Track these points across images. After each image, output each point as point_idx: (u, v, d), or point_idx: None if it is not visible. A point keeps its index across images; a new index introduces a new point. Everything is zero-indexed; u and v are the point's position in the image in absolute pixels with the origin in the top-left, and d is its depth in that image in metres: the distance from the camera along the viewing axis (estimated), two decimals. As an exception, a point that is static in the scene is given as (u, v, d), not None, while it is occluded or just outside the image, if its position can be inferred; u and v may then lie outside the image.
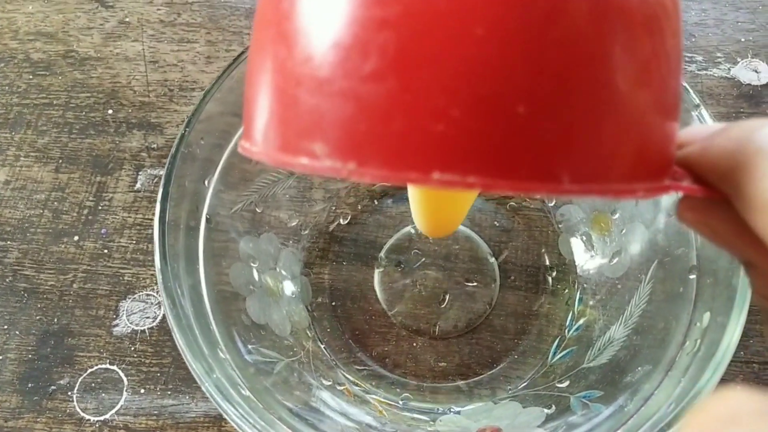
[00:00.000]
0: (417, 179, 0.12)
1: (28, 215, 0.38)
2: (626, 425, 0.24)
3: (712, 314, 0.25)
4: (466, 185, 0.12)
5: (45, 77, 0.43)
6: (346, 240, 0.36)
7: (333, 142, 0.13)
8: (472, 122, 0.12)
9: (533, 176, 0.12)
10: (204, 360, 0.24)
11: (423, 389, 0.32)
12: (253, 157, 0.15)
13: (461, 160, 0.12)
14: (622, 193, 0.13)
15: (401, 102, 0.12)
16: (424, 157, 0.12)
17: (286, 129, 0.14)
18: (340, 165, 0.13)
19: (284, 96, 0.14)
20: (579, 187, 0.13)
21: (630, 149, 0.13)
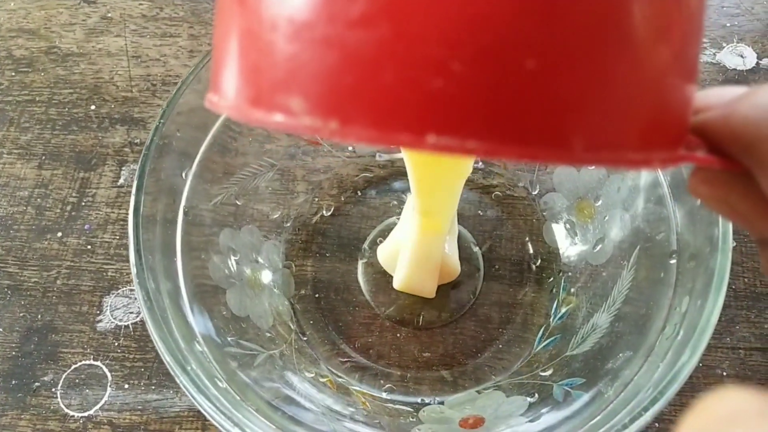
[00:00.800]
0: (409, 142, 0.11)
1: (11, 212, 0.38)
2: (605, 411, 0.24)
3: (691, 298, 0.24)
4: (465, 150, 0.11)
5: (27, 74, 0.43)
6: (329, 232, 0.36)
7: (313, 96, 0.11)
8: (474, 77, 0.11)
9: (542, 141, 0.11)
10: (179, 352, 0.24)
11: (407, 380, 0.32)
12: (220, 111, 0.13)
13: (461, 122, 0.11)
14: (637, 163, 0.12)
15: (394, 52, 0.11)
16: (418, 117, 0.11)
17: (259, 80, 0.12)
18: (320, 123, 0.11)
19: (257, 41, 0.12)
20: (592, 155, 0.12)
21: (646, 113, 0.12)
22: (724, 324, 0.34)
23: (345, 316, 0.33)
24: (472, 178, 0.37)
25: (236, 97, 0.13)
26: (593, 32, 0.11)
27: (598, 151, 0.12)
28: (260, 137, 0.34)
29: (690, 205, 0.26)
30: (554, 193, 0.35)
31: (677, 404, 0.32)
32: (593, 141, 0.11)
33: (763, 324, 0.33)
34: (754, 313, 0.34)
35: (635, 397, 0.23)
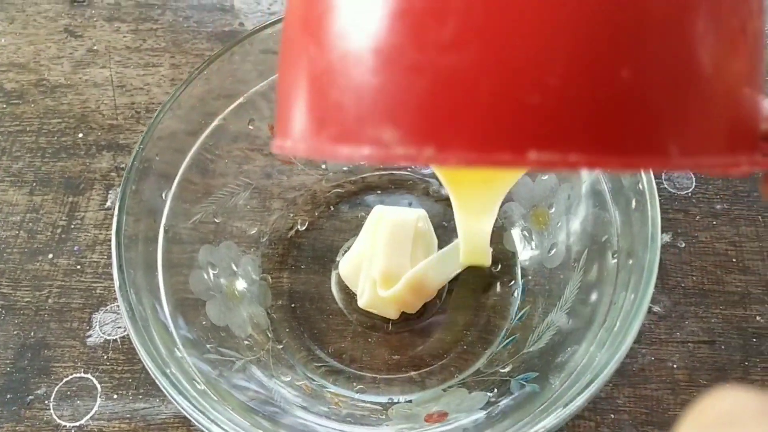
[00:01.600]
0: (511, 161, 0.11)
1: (4, 236, 0.40)
2: (551, 399, 0.26)
3: (627, 293, 0.27)
4: (568, 165, 0.11)
5: (18, 105, 0.45)
6: (304, 245, 0.38)
7: (405, 125, 0.11)
8: (571, 90, 0.10)
9: (641, 150, 0.11)
10: (159, 358, 0.26)
11: (377, 381, 0.34)
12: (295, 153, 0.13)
13: (561, 136, 0.11)
14: (727, 166, 0.12)
15: (487, 73, 0.10)
16: (517, 135, 0.11)
17: (343, 116, 0.12)
18: (415, 151, 0.11)
19: (338, 78, 0.12)
20: (689, 160, 0.12)
21: (729, 120, 0.12)
22: (674, 320, 0.36)
23: (320, 324, 0.36)
24: (436, 189, 0.39)
25: (314, 136, 0.12)
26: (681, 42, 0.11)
27: (693, 156, 0.12)
28: (237, 159, 0.37)
29: (626, 209, 0.29)
30: (512, 203, 0.37)
31: (632, 396, 0.34)
32: (688, 146, 0.12)
33: (710, 319, 0.36)
34: (702, 309, 0.36)
35: (576, 384, 0.25)
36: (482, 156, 0.11)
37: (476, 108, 0.11)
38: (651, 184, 0.27)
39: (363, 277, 0.35)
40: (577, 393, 0.24)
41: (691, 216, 0.39)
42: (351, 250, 0.37)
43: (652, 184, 0.28)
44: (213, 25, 0.48)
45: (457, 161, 0.11)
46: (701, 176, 0.40)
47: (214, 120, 0.34)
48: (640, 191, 0.28)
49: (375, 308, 0.35)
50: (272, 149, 0.14)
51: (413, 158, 0.11)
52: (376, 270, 0.34)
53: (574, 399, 0.23)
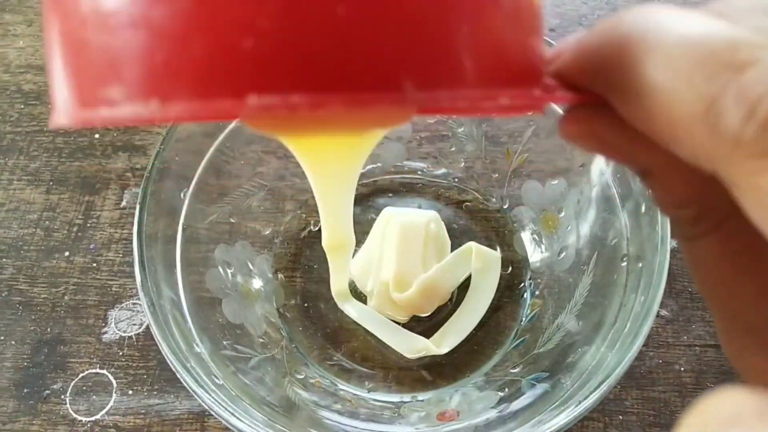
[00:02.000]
0: (231, 107, 0.11)
1: (21, 234, 0.41)
2: (563, 398, 0.26)
3: (636, 295, 0.27)
4: (289, 107, 0.10)
5: (36, 106, 0.46)
6: (316, 245, 0.39)
7: (130, 82, 0.11)
8: (285, 31, 0.10)
9: (370, 86, 0.11)
10: (180, 352, 0.26)
11: (389, 380, 0.34)
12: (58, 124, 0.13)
13: (280, 77, 0.10)
14: (481, 100, 0.12)
15: (199, 20, 0.11)
16: (235, 80, 0.11)
17: (81, 80, 0.12)
18: (141, 108, 0.11)
19: (73, 42, 0.12)
20: (426, 95, 0.11)
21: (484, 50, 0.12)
22: (681, 324, 0.36)
23: (332, 323, 0.36)
24: (447, 194, 0.40)
25: (67, 104, 0.13)
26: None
27: (432, 90, 0.11)
28: (252, 161, 0.37)
29: (635, 212, 0.30)
30: (522, 207, 0.38)
31: (639, 398, 0.34)
32: (426, 80, 0.11)
33: (716, 322, 0.36)
34: (708, 313, 0.37)
35: (587, 383, 0.26)
36: (204, 105, 0.11)
37: (193, 58, 0.11)
38: (661, 189, 0.28)
39: (372, 280, 0.36)
40: (588, 393, 0.24)
41: (697, 222, 0.39)
42: (360, 252, 0.37)
43: (662, 188, 0.28)
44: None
45: (180, 113, 0.11)
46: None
47: (231, 122, 0.35)
48: (649, 195, 0.29)
49: (385, 310, 0.35)
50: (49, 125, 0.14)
51: (140, 114, 0.11)
52: (388, 274, 0.34)
53: (587, 397, 0.24)
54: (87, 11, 0.11)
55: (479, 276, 0.36)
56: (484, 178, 0.39)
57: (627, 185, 0.30)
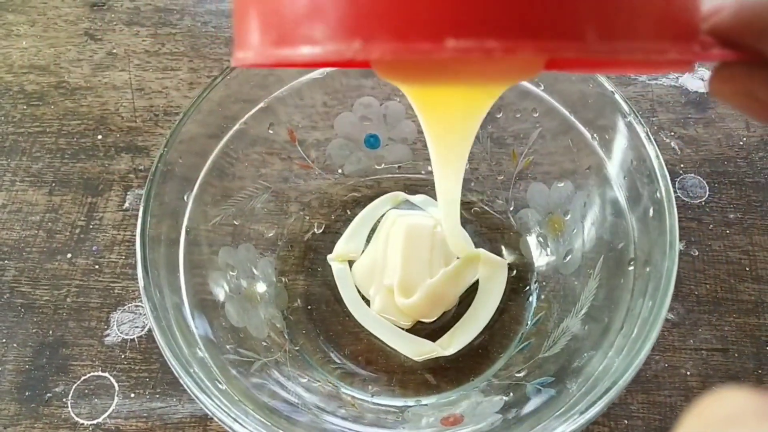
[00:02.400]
0: (430, 49, 0.11)
1: (24, 236, 0.41)
2: (569, 403, 0.26)
3: (644, 300, 0.27)
4: (484, 51, 0.11)
5: (38, 107, 0.46)
6: (320, 248, 0.38)
7: (333, 22, 0.12)
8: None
9: (557, 35, 0.11)
10: (183, 357, 0.26)
11: (393, 384, 0.34)
12: (248, 62, 0.14)
13: (477, 22, 0.11)
14: (653, 53, 0.12)
15: None
16: (435, 23, 0.11)
17: (281, 19, 0.13)
18: (344, 47, 0.12)
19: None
20: (607, 45, 0.12)
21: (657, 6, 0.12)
22: (688, 328, 0.36)
23: (335, 326, 0.36)
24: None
25: (260, 44, 0.13)
26: None
27: (612, 41, 0.12)
28: (256, 162, 0.37)
29: (644, 217, 0.29)
30: (528, 209, 0.37)
31: (645, 402, 0.34)
32: (607, 31, 0.12)
33: (723, 327, 0.36)
34: (715, 317, 0.36)
35: (593, 389, 0.25)
36: (404, 45, 0.11)
37: (396, 1, 0.11)
38: (669, 193, 0.28)
39: (376, 283, 0.36)
40: (595, 399, 0.24)
41: (704, 225, 0.39)
42: (364, 256, 0.37)
43: (670, 192, 0.28)
44: (231, 30, 0.49)
45: (382, 52, 0.12)
46: (714, 186, 0.40)
47: (235, 124, 0.35)
48: (658, 199, 0.28)
49: (389, 315, 0.35)
50: (232, 63, 0.15)
51: (343, 53, 0.12)
52: (392, 279, 0.34)
53: (593, 405, 0.24)
54: None
55: (486, 283, 0.36)
56: (489, 180, 0.39)
57: (635, 189, 0.30)
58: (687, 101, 0.44)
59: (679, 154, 0.42)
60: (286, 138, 0.37)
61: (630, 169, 0.30)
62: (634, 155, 0.30)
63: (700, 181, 0.40)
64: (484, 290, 0.35)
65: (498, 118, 0.37)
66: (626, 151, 0.30)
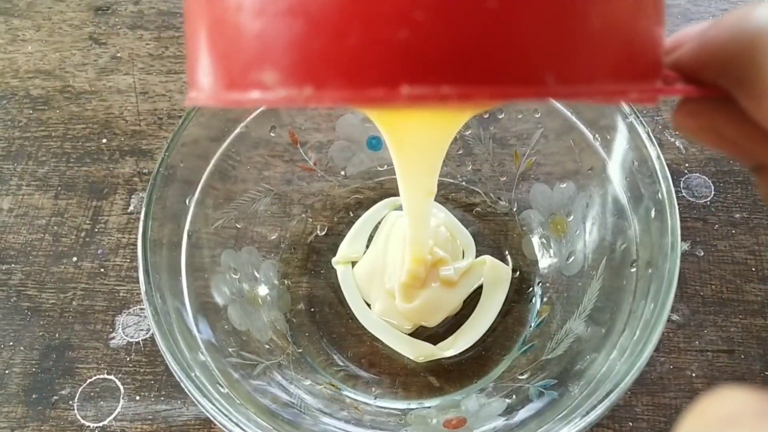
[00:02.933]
0: (384, 96, 0.11)
1: (30, 239, 0.41)
2: (570, 406, 0.26)
3: (646, 302, 0.27)
4: (440, 97, 0.11)
5: (44, 111, 0.46)
6: (323, 250, 0.38)
7: (284, 67, 0.12)
8: (438, 24, 0.11)
9: (515, 79, 0.11)
10: (184, 361, 0.26)
11: (396, 386, 0.34)
12: (199, 104, 0.14)
13: (432, 69, 0.11)
14: (613, 94, 0.12)
15: (357, 10, 0.11)
16: (389, 70, 0.11)
17: (232, 63, 0.12)
18: (295, 92, 0.11)
19: (225, 27, 0.12)
20: (566, 89, 0.12)
21: (616, 48, 0.12)
22: (693, 329, 0.36)
23: (338, 329, 0.36)
24: (455, 196, 0.40)
25: (212, 86, 0.13)
26: None
27: (571, 85, 0.12)
28: (258, 165, 0.37)
29: (645, 218, 0.29)
30: (530, 210, 0.37)
31: (650, 404, 0.34)
32: (566, 74, 0.12)
33: (729, 328, 0.36)
34: (721, 318, 0.36)
35: (596, 391, 0.25)
36: (357, 93, 0.11)
37: (349, 47, 0.11)
38: (671, 194, 0.28)
39: (376, 286, 0.36)
40: (597, 402, 0.24)
41: (709, 225, 0.39)
42: (364, 258, 0.37)
43: (672, 193, 0.28)
44: None
45: (334, 99, 0.11)
46: (720, 186, 0.40)
47: (237, 127, 0.35)
48: (660, 200, 0.28)
49: (390, 318, 0.35)
50: (185, 102, 0.15)
51: (294, 99, 0.12)
52: (393, 282, 0.34)
53: (595, 408, 0.24)
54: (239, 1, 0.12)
55: (490, 288, 0.36)
56: (492, 181, 0.39)
57: (637, 189, 0.30)
58: (692, 100, 0.43)
59: (684, 153, 0.41)
60: (288, 140, 0.37)
61: (632, 169, 0.30)
62: (635, 156, 0.29)
63: (706, 181, 0.40)
64: (487, 295, 0.35)
65: (500, 118, 0.37)
66: (627, 151, 0.30)
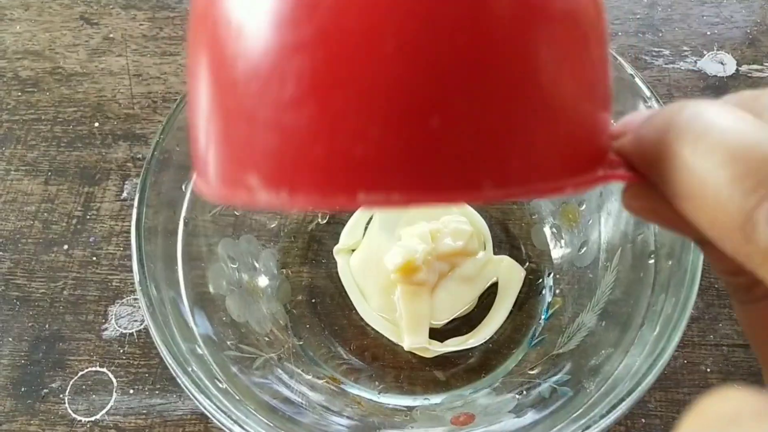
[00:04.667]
0: (344, 202, 0.13)
1: (19, 226, 0.39)
2: (587, 404, 0.25)
3: (666, 295, 0.26)
4: (390, 203, 0.12)
5: (33, 94, 0.44)
6: (324, 239, 0.37)
7: (264, 172, 0.13)
8: (389, 140, 0.12)
9: (454, 186, 0.13)
10: (180, 355, 0.25)
11: (401, 380, 0.33)
12: (203, 194, 0.15)
13: (384, 179, 0.12)
14: (548, 191, 0.14)
15: (321, 127, 0.12)
16: (348, 180, 0.12)
17: (225, 161, 0.14)
18: (273, 196, 0.13)
19: (219, 127, 0.14)
20: (501, 191, 0.13)
21: (552, 148, 0.13)
22: (707, 322, 0.35)
23: (340, 320, 0.35)
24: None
25: (213, 177, 0.14)
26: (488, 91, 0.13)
27: (507, 188, 0.13)
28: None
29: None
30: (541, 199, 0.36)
31: (663, 400, 0.33)
32: (502, 179, 0.13)
33: (745, 321, 0.34)
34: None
35: (614, 390, 0.24)
36: (323, 199, 0.13)
37: (315, 158, 0.13)
38: (693, 182, 0.26)
39: (372, 280, 0.34)
40: (616, 401, 0.23)
41: (724, 215, 0.38)
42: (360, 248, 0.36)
43: (695, 181, 0.26)
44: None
45: (305, 203, 0.13)
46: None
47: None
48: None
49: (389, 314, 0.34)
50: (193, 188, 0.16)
51: (273, 203, 0.13)
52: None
53: (615, 407, 0.22)
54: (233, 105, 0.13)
55: (503, 289, 0.34)
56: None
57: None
58: (705, 86, 0.42)
59: (698, 141, 0.40)
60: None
61: (651, 156, 0.28)
62: (655, 142, 0.28)
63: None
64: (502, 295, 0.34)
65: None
66: (647, 137, 0.29)
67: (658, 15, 0.44)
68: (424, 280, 0.32)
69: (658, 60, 0.43)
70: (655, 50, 0.43)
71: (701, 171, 0.12)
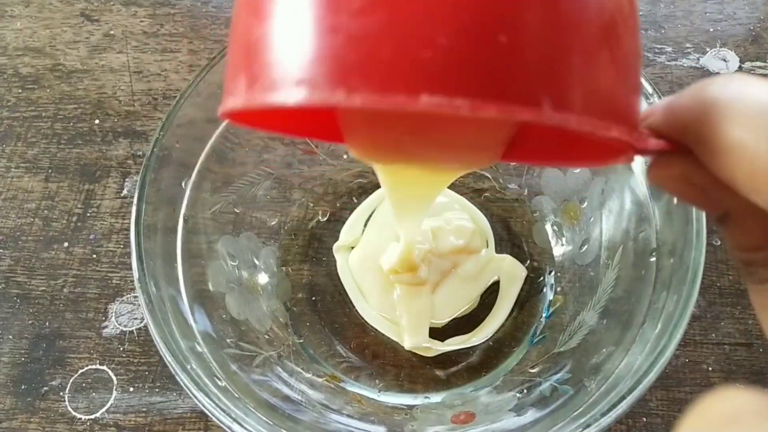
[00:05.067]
0: (406, 102, 0.13)
1: (19, 224, 0.39)
2: (588, 403, 0.25)
3: (668, 293, 0.25)
4: (453, 107, 0.13)
5: (34, 90, 0.44)
6: (325, 236, 0.37)
7: (321, 75, 0.13)
8: (457, 49, 0.13)
9: (517, 101, 0.13)
10: (180, 353, 0.25)
11: (401, 378, 0.33)
12: (237, 107, 0.15)
13: (448, 84, 0.13)
14: (600, 128, 0.14)
15: (390, 32, 0.13)
16: (412, 81, 0.13)
17: (273, 70, 0.14)
18: (328, 94, 0.13)
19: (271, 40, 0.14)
20: (559, 115, 0.13)
21: (606, 92, 0.14)
22: (709, 321, 0.34)
23: (340, 318, 0.35)
24: (463, 181, 0.38)
25: (250, 90, 0.14)
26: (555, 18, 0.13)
27: (564, 113, 0.13)
28: (257, 147, 0.35)
29: (667, 204, 0.27)
30: (542, 196, 0.36)
31: (665, 399, 0.33)
32: (560, 103, 0.13)
33: (747, 320, 0.34)
34: (738, 310, 0.35)
35: (615, 388, 0.24)
36: (383, 97, 0.13)
37: (379, 60, 0.13)
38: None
39: (370, 276, 0.34)
40: (617, 400, 0.22)
41: (727, 213, 0.37)
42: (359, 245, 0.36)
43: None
44: (232, 9, 0.47)
45: (363, 101, 0.13)
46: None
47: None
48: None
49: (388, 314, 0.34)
50: (219, 111, 0.16)
51: (327, 100, 0.13)
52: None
53: (615, 406, 0.22)
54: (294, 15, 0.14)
55: (504, 288, 0.34)
56: (501, 165, 0.37)
57: (657, 175, 0.28)
58: (709, 83, 0.42)
59: (701, 138, 0.40)
60: (289, 122, 0.36)
61: (653, 153, 0.28)
62: (657, 139, 0.28)
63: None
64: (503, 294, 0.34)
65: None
66: (649, 134, 0.28)
67: (660, 11, 0.44)
68: (423, 278, 0.32)
69: (661, 57, 0.42)
70: (657, 47, 0.43)
71: (742, 123, 0.13)
